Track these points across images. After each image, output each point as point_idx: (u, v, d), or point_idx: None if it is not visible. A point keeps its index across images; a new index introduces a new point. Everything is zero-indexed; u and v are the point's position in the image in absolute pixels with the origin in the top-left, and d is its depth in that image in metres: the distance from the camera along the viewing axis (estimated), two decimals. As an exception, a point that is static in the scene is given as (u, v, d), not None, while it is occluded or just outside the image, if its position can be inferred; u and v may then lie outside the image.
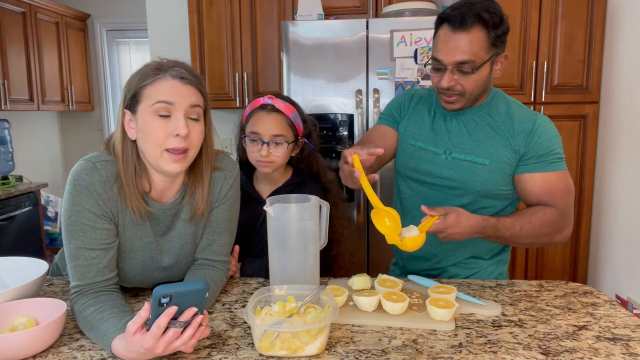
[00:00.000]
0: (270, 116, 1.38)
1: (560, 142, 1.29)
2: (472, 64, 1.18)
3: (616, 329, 1.00)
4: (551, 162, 1.25)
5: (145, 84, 1.00)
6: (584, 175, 2.61)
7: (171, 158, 1.01)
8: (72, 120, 4.80)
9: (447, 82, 1.21)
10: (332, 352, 0.91)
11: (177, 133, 0.99)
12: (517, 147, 1.26)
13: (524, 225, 1.21)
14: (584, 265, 2.67)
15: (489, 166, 1.27)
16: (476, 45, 1.17)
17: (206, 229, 1.19)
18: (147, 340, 0.82)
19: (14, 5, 3.63)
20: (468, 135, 1.30)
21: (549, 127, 1.27)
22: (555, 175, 1.25)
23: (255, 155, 1.38)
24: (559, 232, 1.25)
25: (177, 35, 3.12)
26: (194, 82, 1.03)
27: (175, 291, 0.82)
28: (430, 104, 1.38)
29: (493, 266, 1.39)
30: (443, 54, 1.20)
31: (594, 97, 2.54)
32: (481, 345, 0.93)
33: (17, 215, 3.40)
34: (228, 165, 1.20)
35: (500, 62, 1.25)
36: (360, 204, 2.42)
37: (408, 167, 1.37)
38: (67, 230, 1.03)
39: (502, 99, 1.32)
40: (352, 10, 2.74)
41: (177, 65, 1.03)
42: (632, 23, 2.39)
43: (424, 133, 1.36)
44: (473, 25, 1.16)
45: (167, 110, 1.00)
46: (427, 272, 1.39)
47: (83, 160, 1.05)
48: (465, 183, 1.29)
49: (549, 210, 1.24)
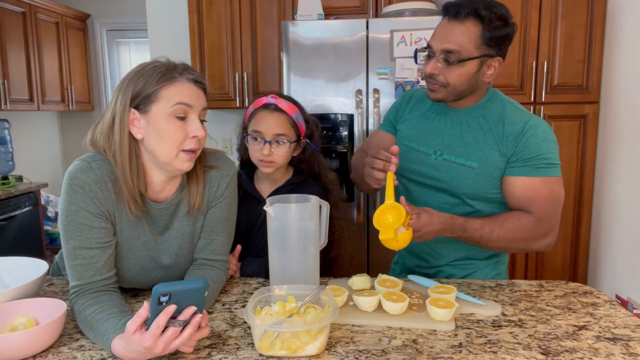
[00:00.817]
0: (273, 115, 1.38)
1: (553, 148, 1.24)
2: (457, 55, 1.18)
3: (616, 329, 1.00)
4: (537, 167, 1.22)
5: (163, 85, 1.02)
6: (584, 175, 2.61)
7: (186, 157, 1.05)
8: (72, 120, 4.81)
9: (430, 68, 1.22)
10: (332, 352, 0.91)
11: (195, 135, 1.04)
12: (505, 150, 1.23)
13: (494, 229, 1.20)
14: (584, 265, 2.67)
15: (477, 169, 1.25)
16: (466, 38, 1.17)
17: (204, 229, 1.19)
18: (146, 340, 0.82)
19: (14, 5, 3.63)
20: (459, 137, 1.29)
21: (541, 131, 1.23)
22: (540, 181, 1.22)
23: (257, 154, 1.38)
24: (535, 240, 1.22)
25: (177, 35, 3.12)
26: (204, 86, 1.09)
27: (175, 289, 0.82)
28: (427, 104, 1.38)
29: (489, 267, 1.39)
30: (434, 40, 1.22)
31: (594, 97, 2.55)
32: (481, 345, 0.93)
33: (17, 215, 3.41)
34: (224, 164, 1.20)
35: (493, 67, 1.22)
36: (360, 204, 2.42)
37: (402, 167, 1.38)
38: (64, 230, 1.03)
39: (498, 100, 1.30)
40: (352, 10, 2.74)
41: (189, 69, 1.07)
42: (632, 23, 2.39)
43: (417, 134, 1.36)
44: (467, 18, 1.16)
45: (184, 112, 1.03)
46: (424, 271, 1.40)
47: (78, 160, 1.06)
48: (454, 185, 1.28)
49: (524, 216, 1.22)
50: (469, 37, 1.17)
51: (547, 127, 1.25)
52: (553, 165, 1.23)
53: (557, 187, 1.24)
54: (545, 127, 1.25)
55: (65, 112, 4.73)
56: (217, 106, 2.87)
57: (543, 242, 1.24)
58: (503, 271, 1.43)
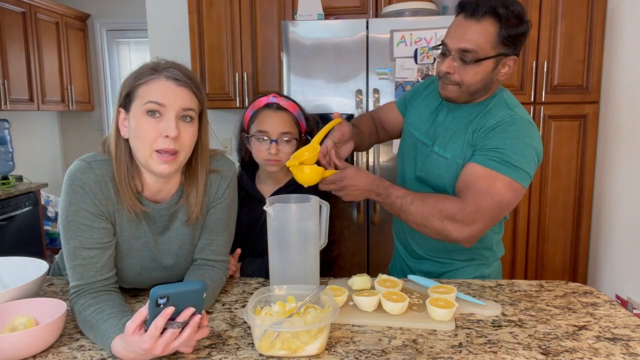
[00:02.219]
0: (277, 114, 1.38)
1: (519, 149, 1.15)
2: (474, 54, 1.16)
3: (616, 329, 1.00)
4: (490, 158, 1.15)
5: (140, 83, 1.01)
6: (584, 175, 2.61)
7: (160, 159, 1.00)
8: (72, 120, 4.81)
9: (445, 67, 1.20)
10: (332, 352, 0.91)
11: (167, 134, 0.99)
12: (475, 142, 1.21)
13: (416, 200, 1.18)
14: (584, 265, 2.67)
15: (449, 160, 1.25)
16: (483, 37, 1.15)
17: (204, 229, 1.19)
18: (145, 341, 0.82)
19: (14, 5, 3.63)
20: (451, 130, 1.28)
21: (514, 129, 1.17)
22: (486, 171, 1.15)
23: (263, 154, 1.37)
24: (453, 223, 1.15)
25: (177, 35, 3.12)
26: (188, 84, 1.02)
27: (172, 292, 0.82)
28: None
29: (470, 268, 1.37)
30: (450, 38, 1.19)
31: (594, 97, 2.54)
32: (481, 345, 0.93)
33: (17, 215, 3.40)
34: (224, 165, 1.20)
35: (508, 65, 1.21)
36: (360, 204, 2.42)
37: (401, 152, 1.43)
38: (64, 230, 1.03)
39: (500, 98, 1.26)
40: (352, 10, 2.73)
41: (173, 67, 1.02)
42: (632, 23, 2.39)
43: (421, 122, 1.37)
44: (485, 16, 1.14)
45: (157, 111, 0.99)
46: (406, 262, 1.44)
47: (78, 160, 1.06)
48: (431, 175, 1.29)
49: (451, 198, 1.18)
50: (485, 36, 1.15)
51: (524, 128, 1.19)
52: (509, 165, 1.14)
53: (501, 186, 1.14)
54: (521, 127, 1.18)
55: (65, 112, 4.72)
56: (217, 106, 2.87)
57: (462, 231, 1.16)
58: (487, 274, 1.38)
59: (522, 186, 1.16)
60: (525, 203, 2.64)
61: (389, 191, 1.19)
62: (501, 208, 1.17)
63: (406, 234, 1.43)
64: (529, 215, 2.66)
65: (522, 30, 1.17)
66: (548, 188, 2.63)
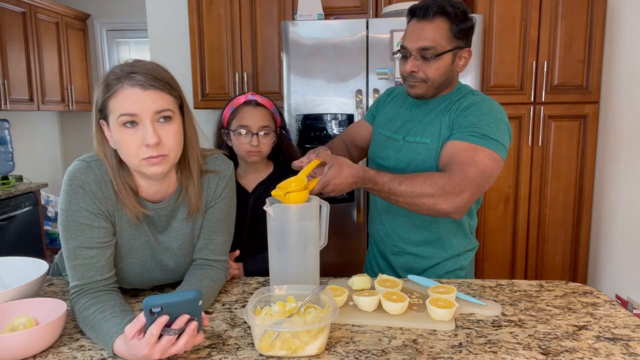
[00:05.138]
0: (257, 110, 1.50)
1: (493, 124, 1.25)
2: (433, 50, 1.27)
3: (616, 329, 1.00)
4: (470, 134, 1.24)
5: (107, 96, 0.98)
6: (584, 175, 2.61)
7: (149, 163, 0.99)
8: (72, 120, 4.81)
9: (410, 67, 1.31)
10: (332, 352, 0.91)
11: (147, 143, 0.97)
12: (451, 123, 1.30)
13: (404, 182, 1.20)
14: (584, 265, 2.67)
15: (429, 145, 1.32)
16: (438, 34, 1.27)
17: (203, 229, 1.19)
18: (143, 348, 0.82)
19: (14, 5, 3.63)
20: (422, 120, 1.37)
21: (485, 107, 1.28)
22: (467, 145, 1.23)
23: (245, 146, 1.48)
24: (443, 197, 1.18)
25: (177, 35, 3.12)
26: (156, 85, 0.98)
27: (165, 302, 0.83)
28: (406, 98, 1.45)
29: (451, 261, 1.41)
30: (408, 40, 1.31)
31: (594, 97, 2.55)
32: (481, 345, 0.93)
33: (17, 215, 3.40)
34: (222, 165, 1.20)
35: (463, 58, 1.33)
36: (360, 204, 2.42)
37: (375, 155, 1.48)
38: (64, 230, 1.03)
39: (466, 89, 1.37)
40: (352, 10, 2.74)
41: (135, 71, 0.97)
42: (632, 23, 2.39)
43: (390, 122, 1.46)
44: (436, 16, 1.26)
45: (132, 121, 0.97)
46: (390, 256, 1.46)
47: (78, 160, 1.06)
48: (412, 163, 1.34)
49: (437, 174, 1.22)
50: (440, 32, 1.27)
51: (495, 106, 1.31)
52: (487, 138, 1.23)
53: (483, 156, 1.22)
54: (492, 105, 1.30)
55: (65, 112, 4.73)
56: (217, 106, 2.87)
57: (452, 201, 1.19)
58: (465, 266, 1.44)
59: (500, 157, 1.25)
60: (525, 203, 2.65)
61: (375, 179, 1.22)
62: (485, 177, 1.23)
63: (388, 229, 1.46)
64: (529, 215, 2.66)
65: (471, 24, 1.31)
66: (548, 188, 2.63)
